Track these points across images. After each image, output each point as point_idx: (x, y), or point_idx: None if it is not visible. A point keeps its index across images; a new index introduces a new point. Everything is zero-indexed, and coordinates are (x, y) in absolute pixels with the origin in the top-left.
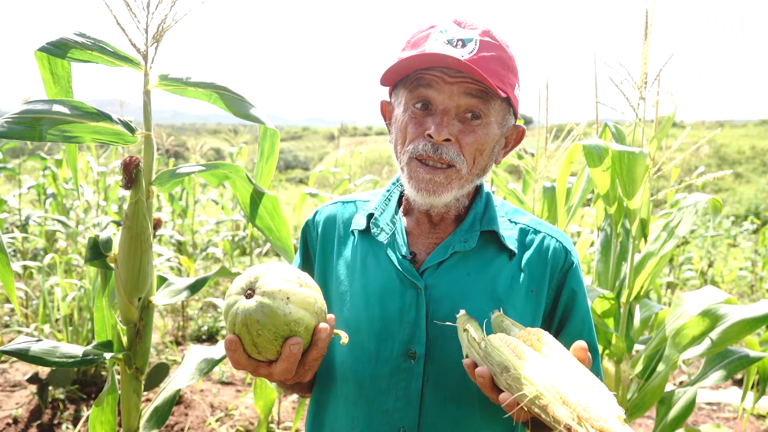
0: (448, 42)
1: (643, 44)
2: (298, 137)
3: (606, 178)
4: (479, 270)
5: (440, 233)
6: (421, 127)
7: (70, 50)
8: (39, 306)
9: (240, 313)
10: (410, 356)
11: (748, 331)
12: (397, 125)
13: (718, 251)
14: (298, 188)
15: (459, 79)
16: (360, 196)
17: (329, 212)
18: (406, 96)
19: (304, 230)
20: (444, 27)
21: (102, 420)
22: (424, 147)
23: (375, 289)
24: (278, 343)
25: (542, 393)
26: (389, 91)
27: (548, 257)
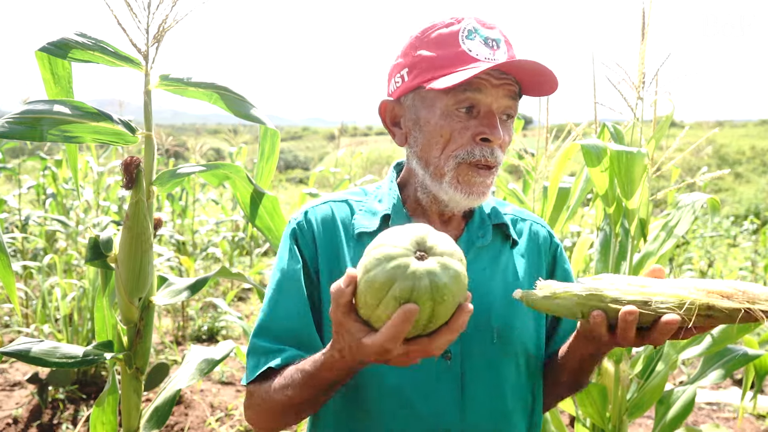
0: (485, 43)
1: (641, 44)
2: (298, 137)
3: (604, 177)
4: (492, 263)
5: (452, 231)
6: (469, 131)
7: (70, 50)
8: (38, 306)
9: (422, 277)
10: (446, 357)
11: (747, 330)
12: (432, 129)
13: (718, 251)
14: (298, 188)
15: (503, 81)
16: (350, 195)
17: (323, 213)
18: (446, 100)
19: (295, 233)
20: (471, 25)
21: (103, 420)
22: (482, 152)
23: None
24: (452, 311)
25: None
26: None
27: (539, 242)
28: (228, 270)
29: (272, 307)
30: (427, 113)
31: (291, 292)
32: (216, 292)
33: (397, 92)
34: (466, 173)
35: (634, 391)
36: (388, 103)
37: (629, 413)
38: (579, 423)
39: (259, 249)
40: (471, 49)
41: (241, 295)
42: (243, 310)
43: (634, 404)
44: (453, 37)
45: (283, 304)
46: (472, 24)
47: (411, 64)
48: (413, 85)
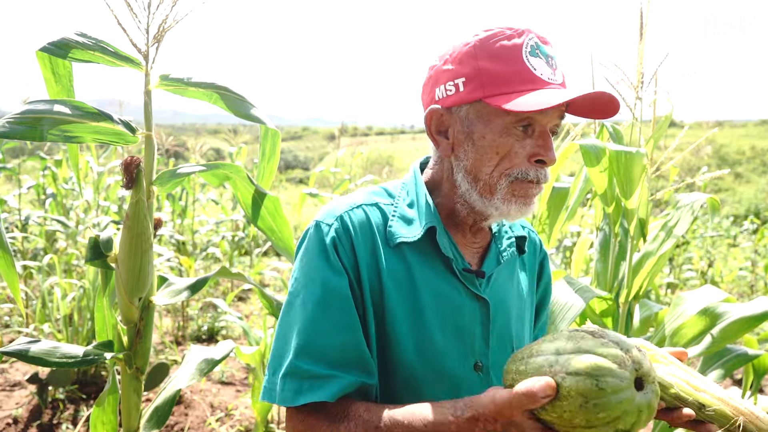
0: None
1: (639, 44)
2: (298, 137)
3: (603, 177)
4: (511, 274)
5: (480, 241)
6: (524, 151)
7: (71, 50)
8: (38, 306)
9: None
10: (476, 369)
11: (746, 329)
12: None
13: (718, 251)
14: (299, 188)
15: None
16: (378, 198)
17: (359, 218)
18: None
19: (334, 242)
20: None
21: (103, 420)
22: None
23: (444, 307)
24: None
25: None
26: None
27: (534, 250)
28: (228, 270)
29: (315, 324)
30: (483, 128)
31: (337, 307)
32: (216, 292)
33: (449, 101)
34: (521, 187)
35: None
36: (437, 112)
37: None
38: None
39: (259, 249)
40: (536, 67)
41: (241, 295)
42: (243, 310)
43: None
44: (516, 52)
45: (329, 320)
46: (533, 39)
47: (469, 75)
48: (472, 97)
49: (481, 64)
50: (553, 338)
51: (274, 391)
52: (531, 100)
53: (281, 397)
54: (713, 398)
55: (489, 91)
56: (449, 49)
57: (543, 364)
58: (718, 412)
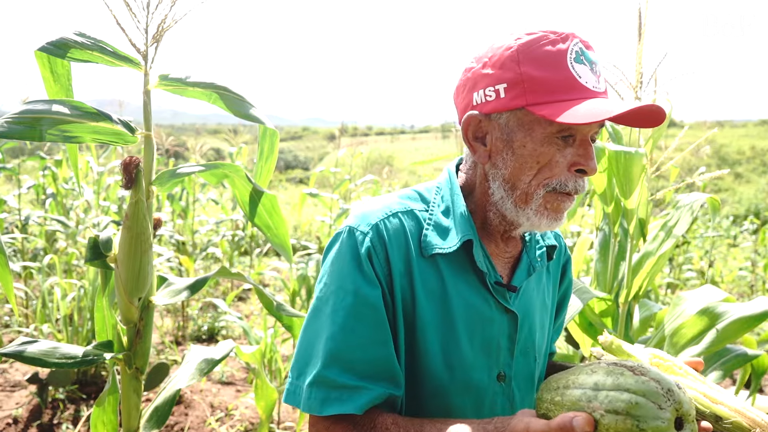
0: (591, 68)
1: (638, 44)
2: (298, 137)
3: (603, 177)
4: (538, 284)
5: (511, 250)
6: (565, 160)
7: (70, 50)
8: (38, 306)
9: None
10: (500, 379)
11: (746, 329)
12: (529, 154)
13: (718, 251)
14: (298, 188)
15: None
16: (412, 204)
17: (394, 227)
18: (550, 127)
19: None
20: (578, 47)
21: (104, 420)
22: (575, 184)
23: (474, 319)
24: None
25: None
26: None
27: (558, 255)
28: (228, 270)
29: (347, 335)
30: (524, 136)
31: (371, 319)
32: (216, 292)
33: (489, 107)
34: (555, 200)
35: None
36: (475, 118)
37: None
38: None
39: (259, 249)
40: (581, 75)
41: (241, 296)
42: (243, 310)
43: None
44: (561, 58)
45: (362, 332)
46: (578, 45)
47: (512, 81)
48: (514, 104)
49: (524, 69)
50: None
51: (299, 396)
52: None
53: (307, 405)
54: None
55: (532, 99)
56: (488, 52)
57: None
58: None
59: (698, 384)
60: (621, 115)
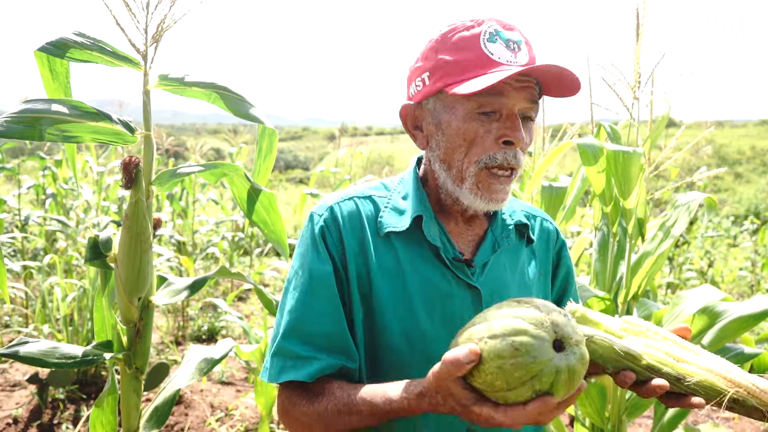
0: (507, 46)
1: (636, 44)
2: (298, 137)
3: (601, 177)
4: (512, 263)
5: (476, 229)
6: (491, 135)
7: (69, 50)
8: (38, 306)
9: (562, 371)
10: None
11: (745, 328)
12: (455, 132)
13: (718, 251)
14: (298, 188)
15: (524, 84)
16: (372, 191)
17: (349, 209)
18: (468, 104)
19: (322, 231)
20: (492, 28)
21: (103, 420)
22: (504, 155)
23: (432, 293)
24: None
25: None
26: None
27: (548, 239)
28: (228, 270)
29: (302, 308)
30: (449, 117)
31: (323, 294)
32: (216, 292)
33: (419, 96)
34: (486, 180)
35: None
36: (409, 107)
37: (628, 413)
38: (578, 423)
39: (259, 249)
40: (493, 52)
41: (241, 296)
42: (243, 310)
43: (633, 404)
44: (474, 40)
45: (315, 306)
46: (493, 26)
47: (432, 68)
48: (435, 89)
49: (441, 55)
50: (486, 309)
51: (265, 368)
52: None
53: (268, 374)
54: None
55: (448, 80)
56: (420, 48)
57: (472, 332)
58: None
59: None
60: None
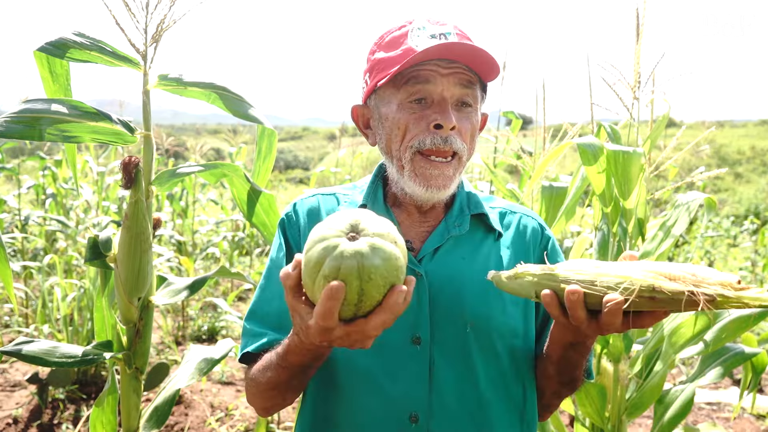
0: (431, 37)
1: (636, 44)
2: (298, 137)
3: (601, 177)
4: (472, 253)
5: (431, 221)
6: (423, 121)
7: (69, 50)
8: (38, 306)
9: (349, 257)
10: (415, 342)
11: (745, 328)
12: (391, 123)
13: (718, 251)
14: (299, 188)
15: (452, 70)
16: (339, 189)
17: (310, 204)
18: (399, 95)
19: (282, 224)
20: (420, 24)
21: (103, 420)
22: (433, 140)
23: None
24: (383, 291)
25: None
26: (365, 94)
27: (528, 235)
28: (227, 270)
29: (260, 292)
30: (386, 110)
31: (275, 278)
32: (216, 292)
33: (364, 96)
34: (421, 165)
35: (632, 390)
36: (358, 108)
37: (628, 413)
38: (578, 423)
39: (259, 249)
40: (418, 45)
41: (241, 296)
42: (243, 310)
43: (633, 404)
44: (402, 37)
45: (269, 289)
46: (421, 23)
47: (370, 68)
48: (372, 86)
49: (376, 55)
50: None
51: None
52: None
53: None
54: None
55: (380, 76)
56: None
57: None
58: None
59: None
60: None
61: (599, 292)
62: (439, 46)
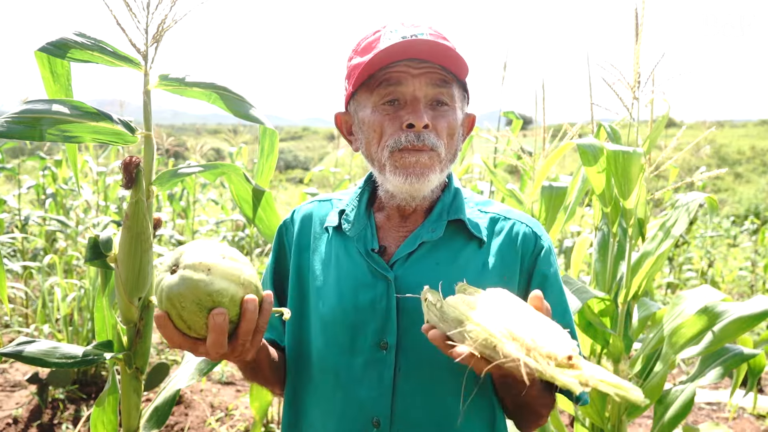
0: (402, 38)
1: (635, 45)
2: (298, 137)
3: (601, 177)
4: (449, 260)
5: (410, 226)
6: (397, 121)
7: (70, 50)
8: (38, 306)
9: (164, 289)
10: (382, 347)
11: (745, 329)
12: (367, 127)
13: (718, 251)
14: (298, 188)
15: (423, 69)
16: (336, 195)
17: (306, 211)
18: (372, 98)
19: (281, 229)
20: (393, 28)
21: (103, 420)
22: (407, 138)
23: (347, 283)
24: (203, 315)
25: (493, 333)
26: (345, 101)
27: (518, 243)
28: None
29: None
30: (362, 114)
31: (268, 283)
32: None
33: (345, 103)
34: (399, 157)
35: None
36: (341, 115)
37: (628, 413)
38: (578, 423)
39: (260, 249)
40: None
41: None
42: None
43: (633, 404)
44: (375, 42)
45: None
46: (394, 26)
47: (348, 75)
48: (350, 92)
49: (351, 63)
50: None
51: None
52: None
53: None
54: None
55: (357, 82)
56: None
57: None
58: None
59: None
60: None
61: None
62: (402, 43)
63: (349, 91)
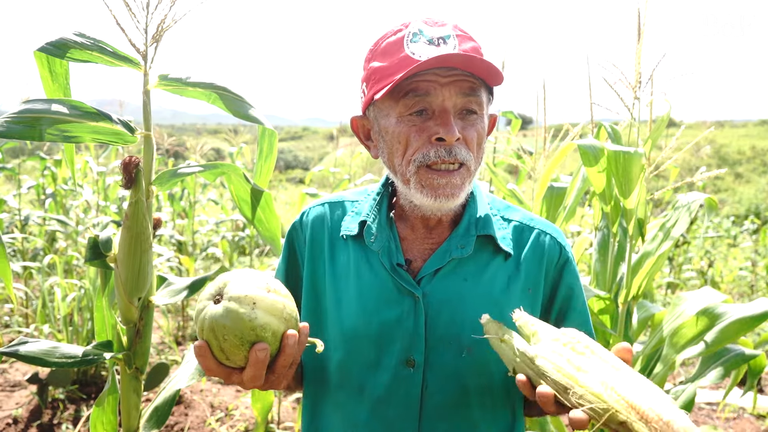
0: (429, 42)
1: (637, 44)
2: (298, 137)
3: (602, 177)
4: (476, 275)
5: (436, 238)
6: (425, 134)
7: (69, 50)
8: (38, 306)
9: (207, 319)
10: (409, 364)
11: (746, 330)
12: (391, 137)
13: (718, 251)
14: (298, 188)
15: (452, 78)
16: (347, 196)
17: (317, 213)
18: (398, 108)
19: (291, 233)
20: (416, 28)
21: (103, 420)
22: (437, 153)
23: (371, 298)
24: (245, 348)
25: (618, 409)
26: (364, 106)
27: (543, 254)
28: (227, 270)
29: None
30: (385, 122)
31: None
32: None
33: (363, 107)
34: (426, 177)
35: None
36: (358, 119)
37: None
38: None
39: (259, 249)
40: (414, 51)
41: None
42: None
43: None
44: (399, 43)
45: None
46: (417, 26)
47: (367, 77)
48: (370, 97)
49: (371, 65)
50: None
51: None
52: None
53: None
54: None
55: (377, 87)
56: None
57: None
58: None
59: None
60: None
61: (568, 402)
62: (437, 58)
63: (369, 97)
